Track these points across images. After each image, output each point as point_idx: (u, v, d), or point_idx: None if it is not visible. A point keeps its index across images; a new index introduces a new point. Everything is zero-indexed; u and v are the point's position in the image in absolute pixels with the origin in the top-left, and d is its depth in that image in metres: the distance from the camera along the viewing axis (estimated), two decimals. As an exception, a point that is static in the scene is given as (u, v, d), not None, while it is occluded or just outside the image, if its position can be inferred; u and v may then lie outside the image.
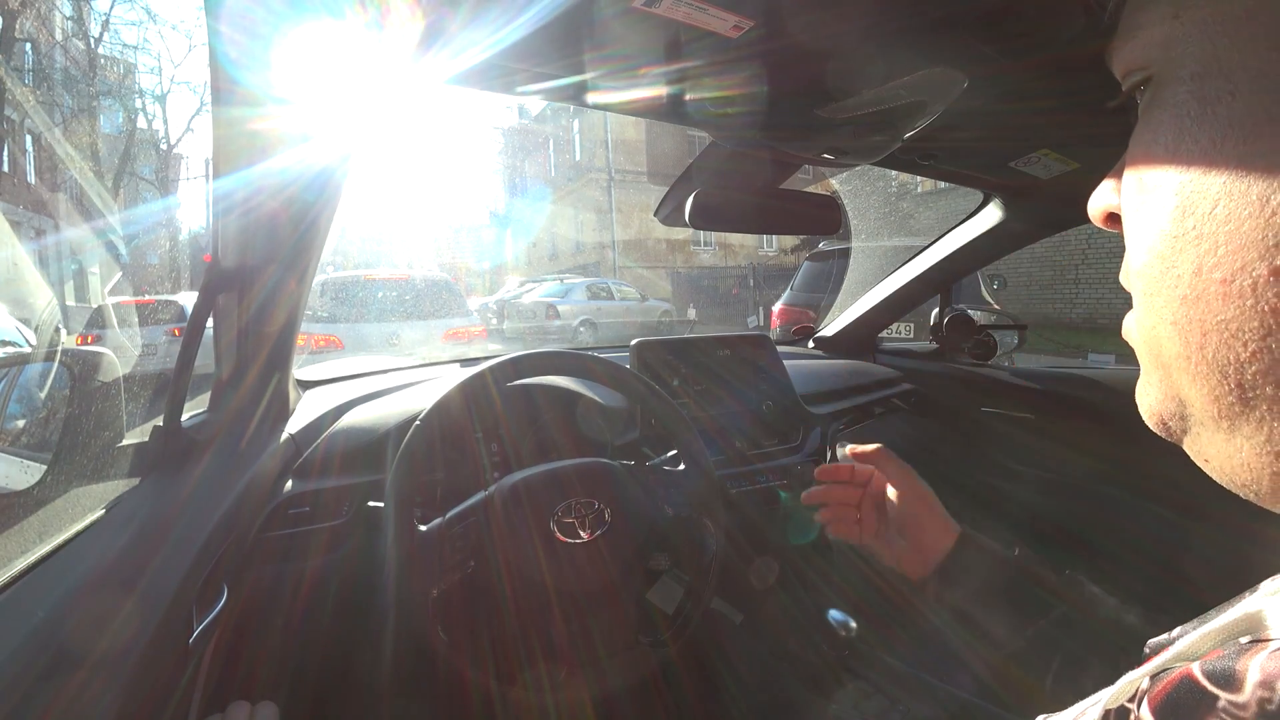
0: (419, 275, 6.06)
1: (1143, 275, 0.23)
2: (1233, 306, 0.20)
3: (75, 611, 0.48)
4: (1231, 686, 0.20)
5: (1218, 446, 0.22)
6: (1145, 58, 0.22)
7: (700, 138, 0.77)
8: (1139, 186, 0.23)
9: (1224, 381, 0.21)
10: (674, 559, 0.81)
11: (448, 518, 0.69)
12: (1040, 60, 0.54)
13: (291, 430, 0.83)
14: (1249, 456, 0.21)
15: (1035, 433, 1.33)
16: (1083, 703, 0.27)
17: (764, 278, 11.97)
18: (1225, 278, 0.20)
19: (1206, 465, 0.24)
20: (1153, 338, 0.23)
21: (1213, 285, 0.20)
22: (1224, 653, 0.22)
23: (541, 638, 0.74)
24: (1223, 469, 0.23)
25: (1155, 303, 0.22)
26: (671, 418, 0.82)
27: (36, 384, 0.98)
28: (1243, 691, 0.20)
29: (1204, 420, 0.22)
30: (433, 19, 0.45)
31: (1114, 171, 0.26)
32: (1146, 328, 0.23)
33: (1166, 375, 0.23)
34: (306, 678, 0.81)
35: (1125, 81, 0.24)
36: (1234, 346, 0.20)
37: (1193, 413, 0.23)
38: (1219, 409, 0.21)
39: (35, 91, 12.85)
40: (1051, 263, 8.38)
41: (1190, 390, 0.22)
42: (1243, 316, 0.19)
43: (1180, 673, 0.22)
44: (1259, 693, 0.19)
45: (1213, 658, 0.22)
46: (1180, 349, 0.22)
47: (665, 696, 0.91)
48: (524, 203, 19.47)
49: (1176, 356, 0.22)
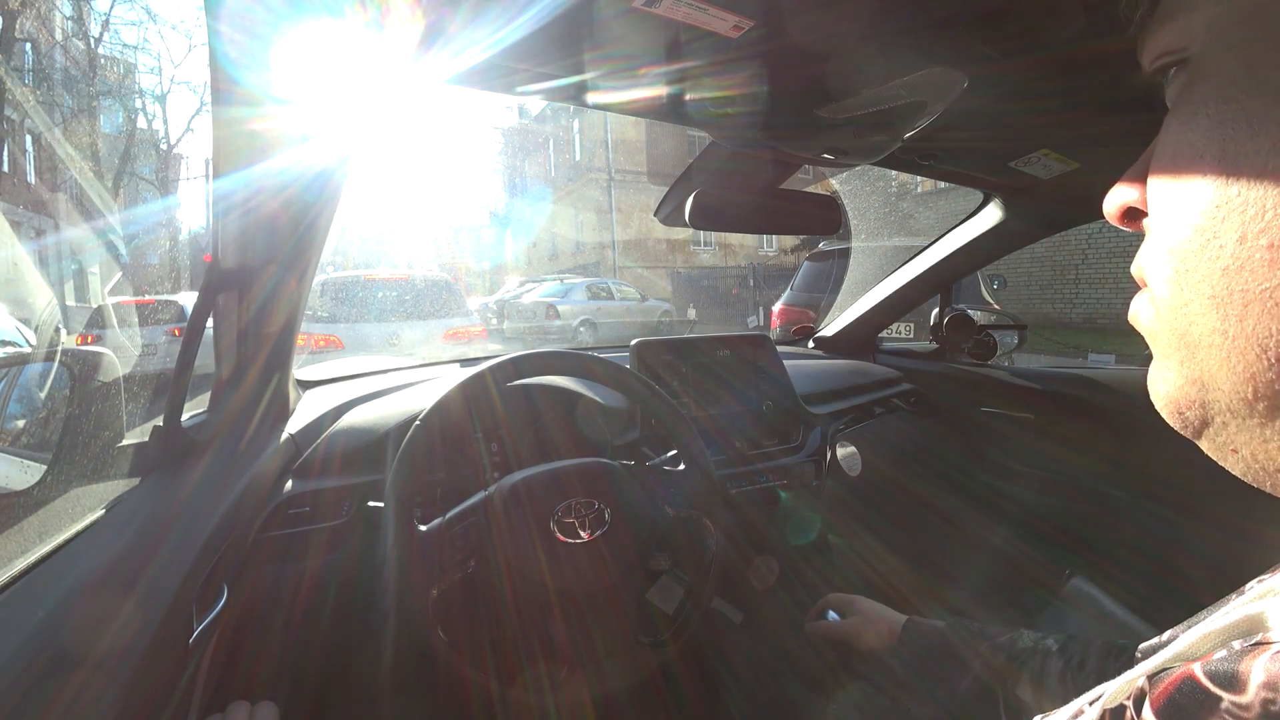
0: (419, 275, 6.06)
1: (1179, 252, 0.23)
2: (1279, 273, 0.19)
3: (75, 611, 0.48)
4: (1235, 688, 0.20)
5: (1250, 434, 0.22)
6: (1185, 39, 0.22)
7: (700, 138, 0.77)
8: (1175, 164, 0.23)
9: (1263, 356, 0.20)
10: (674, 559, 0.81)
11: (448, 518, 0.69)
12: (1040, 60, 0.54)
13: (291, 430, 0.83)
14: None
15: (1035, 433, 1.33)
16: (1077, 700, 0.27)
17: (764, 278, 11.97)
18: (1272, 242, 0.19)
19: (1234, 456, 0.23)
20: (1182, 317, 0.23)
21: (1259, 252, 0.20)
22: (1225, 654, 0.22)
23: (541, 638, 0.74)
24: (1254, 457, 0.22)
25: (1191, 279, 0.22)
26: (671, 418, 0.82)
27: (36, 384, 0.98)
28: (1246, 693, 0.20)
29: (1233, 406, 0.22)
30: (433, 19, 0.45)
31: (1134, 168, 0.26)
32: (1175, 306, 0.23)
33: (1192, 356, 0.23)
34: (306, 678, 0.81)
35: (1155, 64, 0.24)
36: (1277, 317, 0.20)
37: (1218, 399, 0.22)
38: (1255, 389, 0.21)
39: (35, 91, 12.84)
40: (1051, 263, 8.38)
41: (1222, 372, 0.22)
42: None
43: (1181, 673, 0.22)
44: (1263, 694, 0.19)
45: (1214, 659, 0.22)
46: (1217, 323, 0.21)
47: (665, 696, 0.91)
48: (524, 203, 19.46)
49: (1211, 333, 0.22)
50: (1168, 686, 0.23)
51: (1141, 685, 0.24)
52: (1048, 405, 1.31)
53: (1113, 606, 1.05)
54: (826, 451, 1.12)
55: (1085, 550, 1.18)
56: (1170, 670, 0.23)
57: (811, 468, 1.09)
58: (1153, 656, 0.25)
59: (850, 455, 1.14)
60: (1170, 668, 0.24)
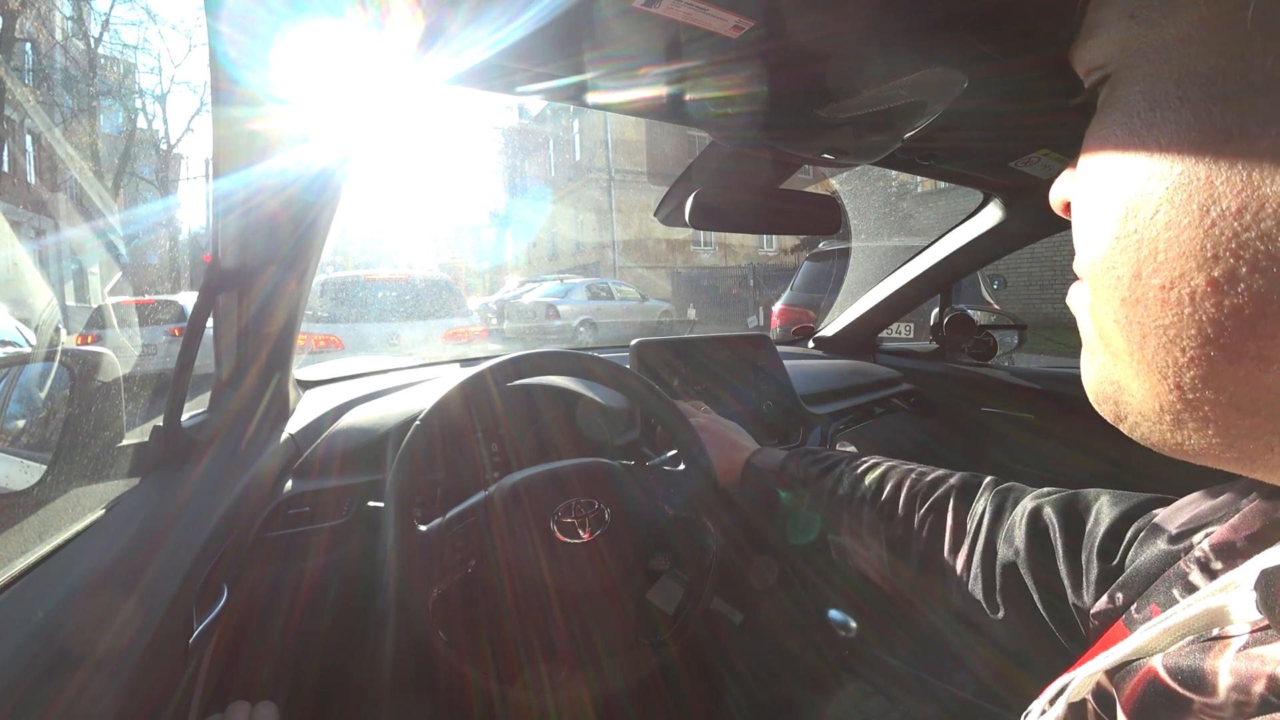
0: (419, 275, 6.06)
1: (1087, 272, 0.23)
2: (1171, 313, 0.19)
3: (75, 611, 0.48)
4: (1203, 689, 0.20)
5: (1161, 435, 0.22)
6: (1104, 56, 0.22)
7: (700, 138, 0.77)
8: (1088, 183, 0.23)
9: (1163, 382, 0.21)
10: (674, 559, 0.81)
11: (448, 518, 0.69)
12: (1041, 60, 0.54)
13: (291, 430, 0.83)
14: (1198, 441, 0.21)
15: (1035, 433, 1.33)
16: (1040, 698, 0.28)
17: (764, 278, 11.98)
18: (1164, 284, 0.19)
19: (1145, 442, 0.24)
20: (1101, 326, 0.23)
21: (1152, 290, 0.20)
22: (1186, 649, 0.22)
23: (541, 638, 0.74)
24: (1164, 445, 0.23)
25: (1100, 298, 0.23)
26: (671, 418, 0.82)
27: (36, 384, 0.98)
28: (1217, 695, 0.20)
29: (1143, 411, 0.23)
30: (433, 19, 0.45)
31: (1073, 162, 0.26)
32: (1097, 316, 0.24)
33: (1112, 361, 0.23)
34: (306, 678, 0.81)
35: (1086, 80, 0.24)
36: (1172, 351, 0.20)
37: (1130, 402, 0.23)
38: (1160, 405, 0.21)
39: (35, 91, 12.85)
40: (1051, 263, 8.38)
41: (1133, 383, 0.22)
42: (1181, 324, 0.19)
43: (1144, 672, 0.22)
44: (1234, 696, 0.19)
45: (1175, 654, 0.22)
46: (1123, 344, 0.22)
47: (665, 696, 0.91)
48: (524, 203, 19.47)
49: (1121, 351, 0.22)
50: (1135, 688, 0.23)
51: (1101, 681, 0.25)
52: (1048, 405, 1.31)
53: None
54: (826, 451, 1.12)
55: None
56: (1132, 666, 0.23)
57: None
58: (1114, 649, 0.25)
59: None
60: (1131, 662, 0.24)
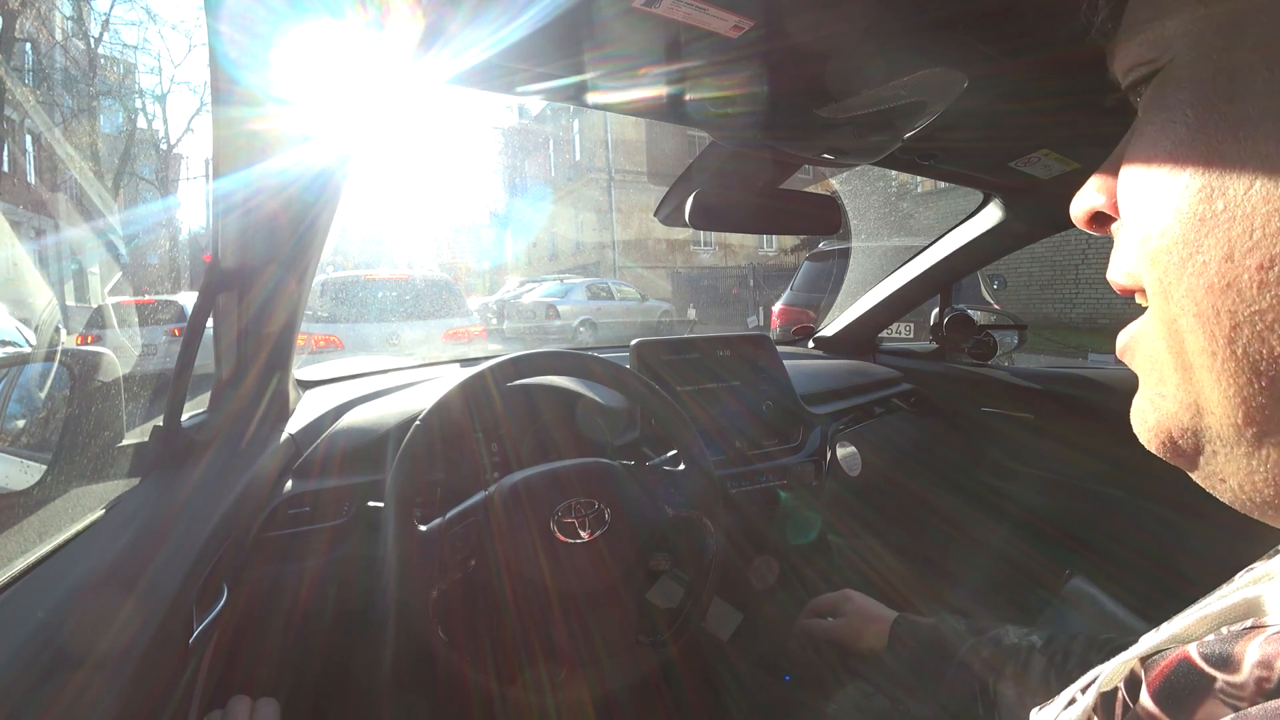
0: (419, 275, 6.06)
1: (1159, 262, 0.21)
2: (1269, 295, 0.18)
3: (75, 611, 0.48)
4: (1229, 668, 0.20)
5: (1237, 464, 0.21)
6: (1157, 50, 0.22)
7: (700, 138, 0.77)
8: (1148, 175, 0.22)
9: (1255, 380, 0.19)
10: (674, 559, 0.81)
11: (448, 518, 0.69)
12: (1040, 60, 0.54)
13: (291, 430, 0.83)
14: (1275, 470, 0.20)
15: (1035, 433, 1.33)
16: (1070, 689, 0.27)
17: (764, 278, 11.98)
18: (1262, 263, 0.18)
19: (1222, 486, 0.22)
20: (1174, 333, 0.21)
21: (1247, 272, 0.18)
22: (1221, 636, 0.21)
23: (541, 638, 0.74)
24: (1241, 488, 0.21)
25: (1175, 292, 0.21)
26: (671, 418, 0.82)
27: (36, 384, 0.98)
28: (1240, 672, 0.20)
29: (1224, 434, 0.21)
30: (433, 19, 0.45)
31: (1101, 175, 0.25)
32: (1166, 322, 0.21)
33: (1189, 378, 0.21)
34: (306, 678, 0.81)
35: (1129, 76, 0.23)
36: (1269, 340, 0.18)
37: (1211, 424, 0.21)
38: (1245, 413, 0.20)
39: (35, 91, 12.84)
40: (1051, 263, 8.38)
41: (1214, 393, 0.20)
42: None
43: (1177, 655, 0.22)
44: (1257, 672, 0.19)
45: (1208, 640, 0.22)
46: (1204, 343, 0.20)
47: (665, 696, 0.91)
48: (524, 203, 19.46)
49: (1200, 352, 0.20)
50: (1164, 669, 0.22)
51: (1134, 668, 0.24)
52: (1048, 405, 1.31)
53: (1113, 606, 1.05)
54: (826, 451, 1.12)
55: (1085, 550, 1.18)
56: (1165, 652, 0.23)
57: (811, 468, 1.10)
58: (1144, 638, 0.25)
59: (850, 455, 1.14)
60: (1165, 650, 0.23)
